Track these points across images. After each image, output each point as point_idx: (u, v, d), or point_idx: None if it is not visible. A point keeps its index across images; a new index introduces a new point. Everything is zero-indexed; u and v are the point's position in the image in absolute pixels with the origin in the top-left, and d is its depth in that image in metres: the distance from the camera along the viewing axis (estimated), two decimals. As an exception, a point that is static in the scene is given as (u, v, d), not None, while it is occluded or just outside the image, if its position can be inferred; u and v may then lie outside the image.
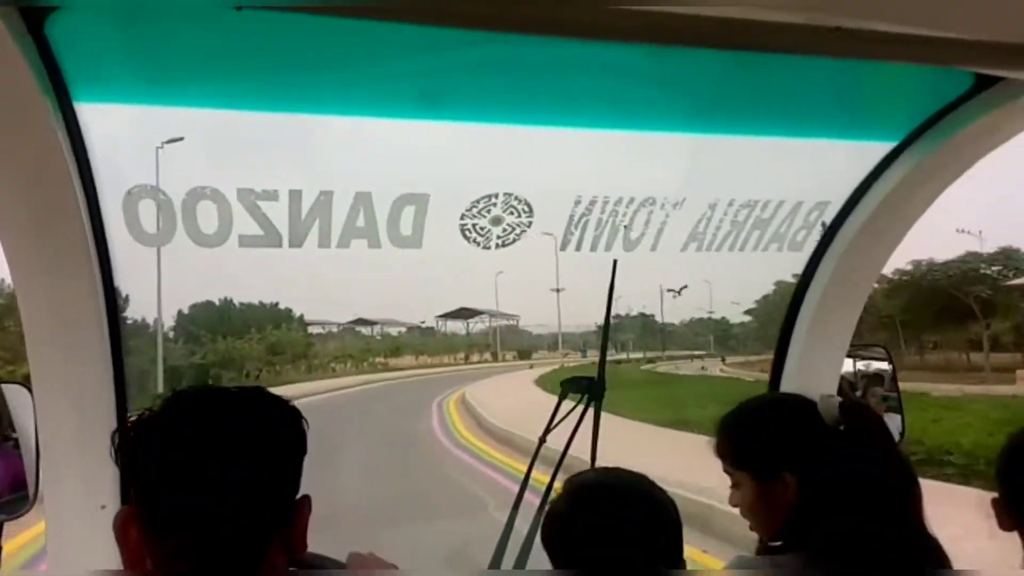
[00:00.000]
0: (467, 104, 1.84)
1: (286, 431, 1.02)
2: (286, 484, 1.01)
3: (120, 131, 1.60)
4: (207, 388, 1.02)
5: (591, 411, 2.22)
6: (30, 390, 1.73)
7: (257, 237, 1.79)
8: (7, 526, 1.79)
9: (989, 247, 36.44)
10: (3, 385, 1.88)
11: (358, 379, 38.70)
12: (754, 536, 1.53)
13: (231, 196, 1.72)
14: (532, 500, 2.08)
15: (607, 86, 1.73)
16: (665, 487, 1.35)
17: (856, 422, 1.42)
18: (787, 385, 2.36)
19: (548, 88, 1.76)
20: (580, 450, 2.17)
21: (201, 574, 0.91)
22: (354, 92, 1.72)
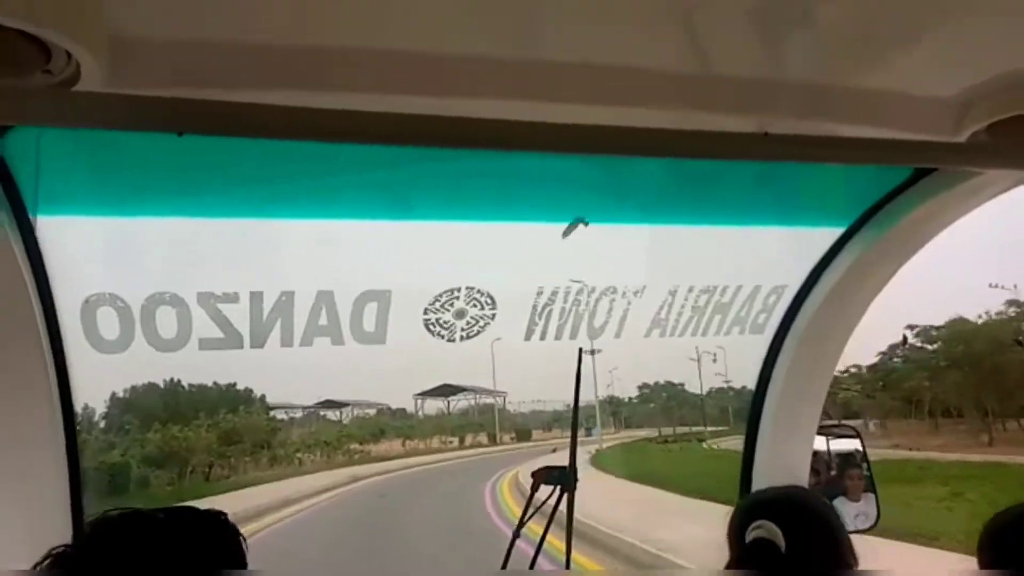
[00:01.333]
0: (428, 205, 1.88)
1: (223, 555, 0.99)
2: None
3: (78, 242, 1.62)
4: (133, 513, 0.98)
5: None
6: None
7: (218, 340, 1.79)
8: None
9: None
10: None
11: (340, 475, 28.46)
12: None
13: (191, 300, 1.73)
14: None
15: (563, 189, 1.79)
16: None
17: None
18: (760, 468, 2.35)
19: (508, 192, 1.82)
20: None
21: None
22: (314, 198, 1.75)
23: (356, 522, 16.53)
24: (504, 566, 2.19)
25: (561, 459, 2.18)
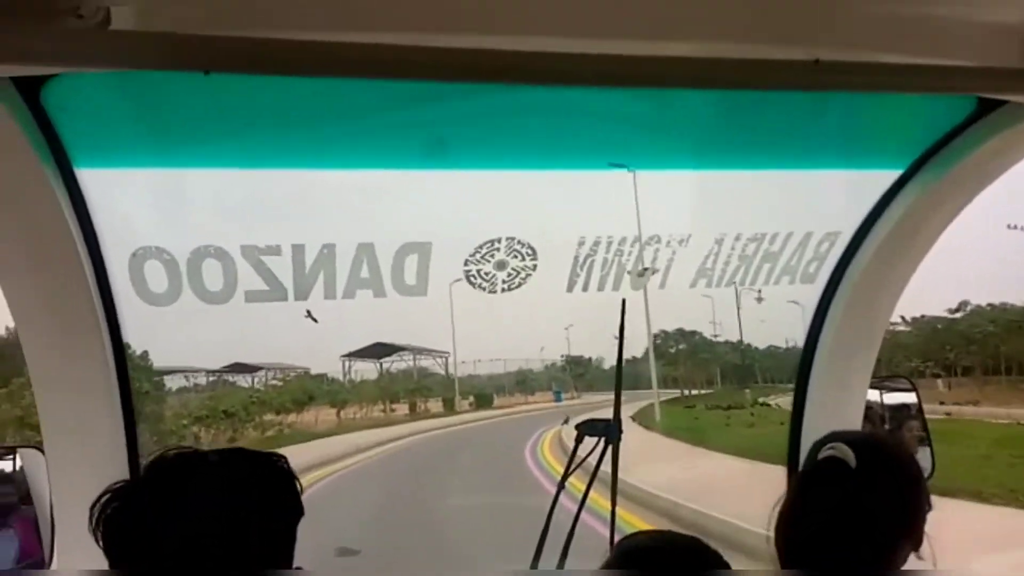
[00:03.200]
0: (469, 152, 1.85)
1: (278, 499, 1.00)
2: (279, 554, 0.98)
3: (124, 194, 1.64)
4: (190, 453, 1.00)
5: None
6: (44, 453, 1.75)
7: (263, 292, 1.81)
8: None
9: None
10: (19, 450, 1.90)
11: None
12: None
13: (235, 253, 1.75)
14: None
15: (608, 129, 1.73)
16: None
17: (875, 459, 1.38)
18: (810, 423, 2.30)
19: (549, 133, 1.77)
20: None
21: None
22: (353, 146, 1.74)
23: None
24: (548, 519, 2.20)
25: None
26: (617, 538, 1.45)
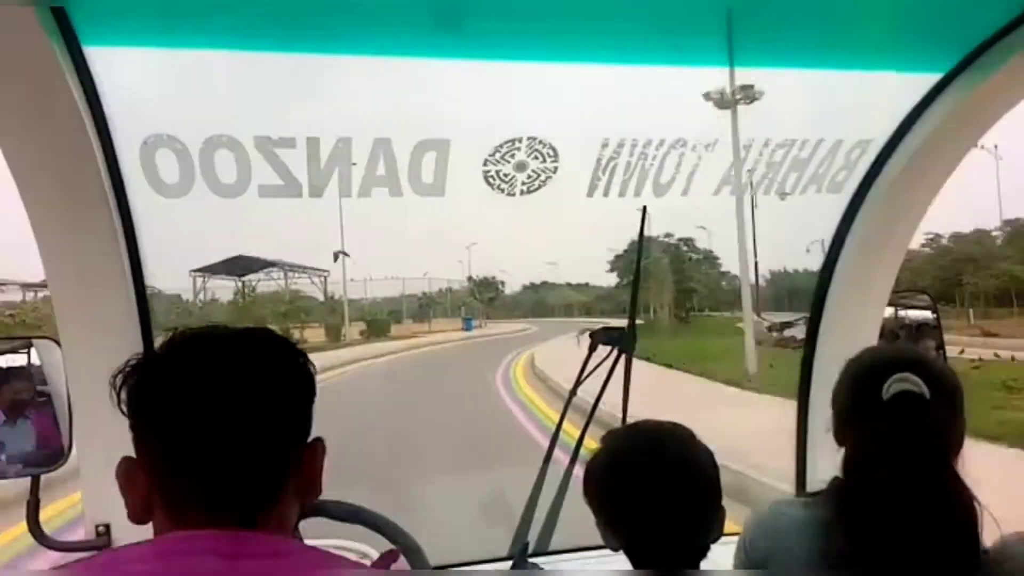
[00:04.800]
0: (488, 40, 1.77)
1: (293, 373, 0.99)
2: (296, 427, 0.97)
3: (133, 76, 1.57)
4: (207, 329, 0.98)
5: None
6: (59, 344, 1.74)
7: (277, 187, 1.76)
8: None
9: None
10: (34, 340, 1.89)
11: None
12: None
13: (248, 144, 1.69)
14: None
15: (635, 16, 1.65)
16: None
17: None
18: (825, 336, 2.28)
19: (571, 22, 1.69)
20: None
21: (211, 519, 0.89)
22: (370, 29, 1.66)
23: None
24: (558, 427, 2.22)
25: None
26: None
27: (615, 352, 2.23)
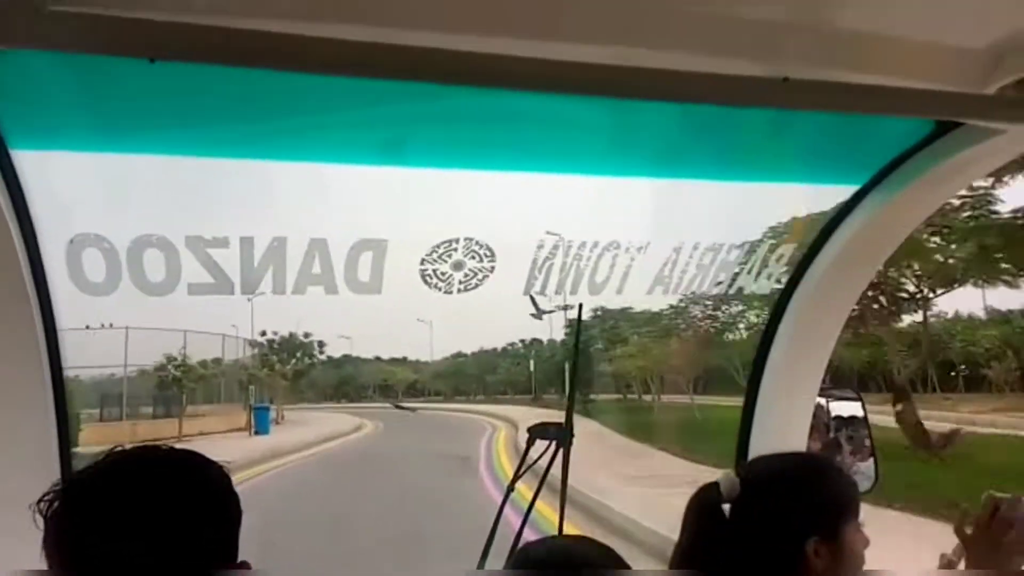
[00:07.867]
0: (427, 151, 1.81)
1: (213, 497, 0.97)
2: (214, 550, 0.95)
3: (62, 179, 1.55)
4: (143, 449, 0.97)
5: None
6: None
7: (207, 285, 1.74)
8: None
9: None
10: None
11: None
12: None
13: (179, 244, 1.67)
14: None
15: (568, 135, 1.71)
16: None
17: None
18: (759, 429, 2.32)
19: (509, 136, 1.74)
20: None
21: None
22: (310, 139, 1.68)
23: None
24: (496, 522, 2.18)
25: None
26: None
27: (552, 447, 2.22)
